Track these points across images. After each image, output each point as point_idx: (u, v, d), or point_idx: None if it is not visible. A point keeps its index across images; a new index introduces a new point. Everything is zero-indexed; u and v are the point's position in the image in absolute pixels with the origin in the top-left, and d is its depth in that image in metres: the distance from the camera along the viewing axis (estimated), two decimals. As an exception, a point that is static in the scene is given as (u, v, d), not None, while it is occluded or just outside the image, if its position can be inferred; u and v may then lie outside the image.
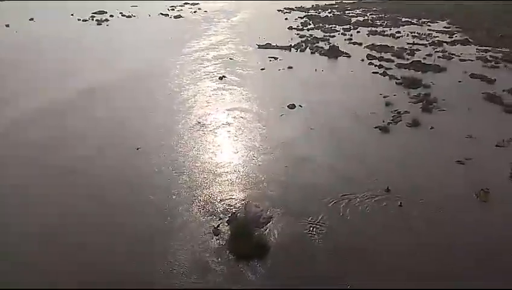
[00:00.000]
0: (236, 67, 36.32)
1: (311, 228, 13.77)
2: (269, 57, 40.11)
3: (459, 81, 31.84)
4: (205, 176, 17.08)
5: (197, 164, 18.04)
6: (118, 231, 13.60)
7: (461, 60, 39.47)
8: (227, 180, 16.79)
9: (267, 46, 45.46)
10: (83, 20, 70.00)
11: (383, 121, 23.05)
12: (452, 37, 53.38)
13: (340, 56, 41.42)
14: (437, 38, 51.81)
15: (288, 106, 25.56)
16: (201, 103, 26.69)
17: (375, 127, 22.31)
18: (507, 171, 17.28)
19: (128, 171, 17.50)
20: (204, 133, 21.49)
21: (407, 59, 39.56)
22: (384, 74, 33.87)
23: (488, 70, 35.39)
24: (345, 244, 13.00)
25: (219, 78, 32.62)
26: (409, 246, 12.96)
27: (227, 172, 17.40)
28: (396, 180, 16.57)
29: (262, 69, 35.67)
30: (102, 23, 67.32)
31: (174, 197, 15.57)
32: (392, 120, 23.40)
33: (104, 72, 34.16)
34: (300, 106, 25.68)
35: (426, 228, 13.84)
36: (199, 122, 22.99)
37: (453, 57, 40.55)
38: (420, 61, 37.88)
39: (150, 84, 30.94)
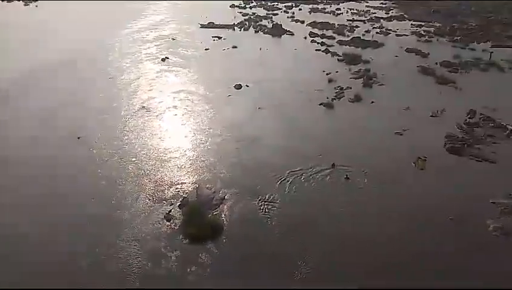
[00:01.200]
0: (179, 48, 35.35)
1: (264, 206, 14.04)
2: (213, 37, 39.42)
3: (396, 56, 33.41)
4: (153, 163, 16.69)
5: (143, 151, 17.56)
6: (59, 227, 13.05)
7: (397, 35, 41.33)
8: (177, 165, 16.55)
9: (210, 25, 44.60)
10: (7, 1, 64.22)
11: (327, 98, 23.69)
12: (388, 13, 55.59)
13: (284, 34, 41.69)
14: (374, 15, 53.70)
15: (235, 86, 25.45)
16: (144, 86, 25.78)
17: (320, 104, 22.90)
18: (441, 139, 18.57)
19: (69, 162, 16.66)
20: (150, 118, 20.89)
21: (348, 36, 40.74)
22: (326, 51, 34.64)
23: (422, 45, 37.43)
24: (297, 219, 13.39)
25: (162, 60, 31.63)
26: (356, 215, 13.64)
27: (176, 157, 17.12)
28: (341, 154, 17.23)
29: (206, 50, 35.04)
30: (30, 3, 62.21)
31: (121, 187, 15.10)
32: (335, 96, 24.12)
33: (35, 56, 31.82)
34: (247, 85, 25.66)
35: (371, 197, 14.62)
36: (144, 107, 22.26)
37: (389, 33, 42.33)
38: (359, 37, 39.21)
39: (87, 69, 29.32)
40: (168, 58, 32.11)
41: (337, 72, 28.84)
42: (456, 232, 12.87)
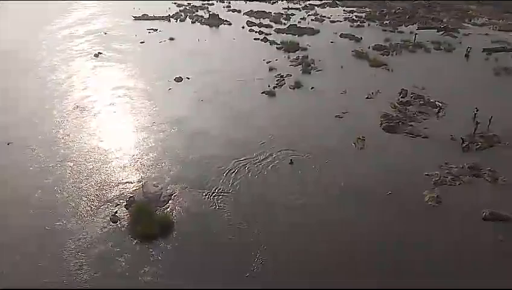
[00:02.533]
0: (113, 42, 33.80)
1: (213, 199, 13.99)
2: (148, 29, 38.13)
3: (332, 42, 34.49)
4: (93, 165, 15.91)
5: (82, 154, 16.66)
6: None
7: (331, 22, 42.62)
8: (120, 165, 15.93)
9: (145, 17, 43.06)
10: None
11: (269, 86, 23.97)
12: (322, 0, 57.01)
13: (221, 24, 41.35)
14: (309, 2, 54.82)
15: (175, 79, 24.90)
16: (78, 85, 24.40)
17: (262, 92, 23.12)
18: (377, 119, 19.57)
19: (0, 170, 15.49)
20: (87, 119, 19.86)
21: (284, 24, 41.30)
22: (265, 40, 34.91)
23: (354, 30, 38.94)
24: (247, 209, 13.52)
25: (95, 56, 30.07)
26: (303, 199, 14.03)
27: (119, 157, 16.47)
28: (285, 139, 17.59)
29: (142, 42, 33.84)
30: None
31: (60, 193, 14.21)
32: (276, 84, 24.46)
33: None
34: (187, 78, 25.22)
35: (315, 179, 15.10)
36: (78, 107, 21.08)
37: (324, 19, 43.52)
38: (296, 25, 39.93)
39: (13, 70, 27.15)
40: (101, 53, 30.63)
41: (276, 60, 29.20)
42: (395, 205, 13.69)
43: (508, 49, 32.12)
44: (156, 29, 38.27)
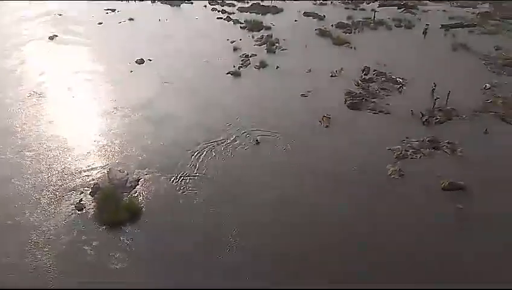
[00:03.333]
0: (69, 24, 32.21)
1: (181, 182, 13.87)
2: (105, 9, 36.58)
3: (295, 20, 34.42)
4: (54, 153, 15.31)
5: (41, 142, 15.97)
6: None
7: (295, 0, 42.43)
8: (82, 153, 15.39)
9: (101, -3, 41.16)
10: None
11: (234, 66, 23.73)
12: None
13: (183, 3, 40.25)
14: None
15: (136, 61, 24.16)
16: (32, 70, 23.18)
17: (227, 73, 22.88)
18: (342, 97, 19.88)
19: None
20: (45, 106, 18.97)
21: (247, 2, 40.73)
22: (228, 19, 34.36)
23: (318, 8, 39.02)
24: (216, 192, 13.50)
25: (50, 39, 28.59)
26: (271, 178, 14.17)
27: (81, 144, 15.90)
28: (252, 120, 17.58)
29: (99, 24, 32.47)
30: None
31: (20, 186, 13.59)
32: (241, 64, 24.25)
33: None
34: (149, 59, 24.53)
35: (282, 158, 15.27)
36: (35, 93, 20.09)
37: (287, -3, 43.26)
38: (259, 3, 39.48)
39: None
40: (57, 36, 29.15)
41: (240, 39, 28.88)
42: (360, 179, 14.08)
43: (464, 25, 33.26)
44: (114, 9, 36.79)
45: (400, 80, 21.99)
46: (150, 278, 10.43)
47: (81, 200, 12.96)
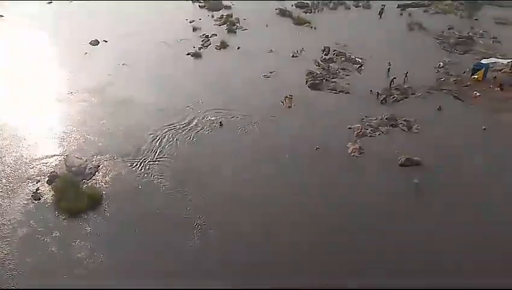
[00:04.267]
0: (14, 4, 30.12)
1: (142, 167, 13.55)
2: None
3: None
4: (5, 143, 14.46)
5: None
6: None
7: (254, -21, 41.80)
8: (36, 141, 14.63)
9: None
10: None
11: (194, 47, 23.24)
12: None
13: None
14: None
15: (90, 43, 23.11)
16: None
17: (187, 54, 22.39)
18: (303, 77, 20.02)
19: None
20: (-8, 89, 17.85)
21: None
22: (186, -2, 33.45)
23: (277, -13, 38.64)
24: (179, 175, 13.31)
25: (-5, 19, 26.72)
26: (233, 158, 14.15)
27: (33, 133, 15.06)
28: (213, 102, 17.37)
29: (49, 3, 30.64)
30: None
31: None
32: (202, 45, 23.79)
33: None
34: (104, 41, 23.53)
35: (245, 139, 15.26)
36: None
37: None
38: (218, -18, 38.58)
39: None
40: (2, 16, 27.21)
41: (200, 19, 28.27)
42: (322, 158, 14.35)
43: (420, 5, 34.21)
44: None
45: (359, 59, 22.40)
46: (113, 266, 10.25)
47: (38, 189, 12.41)
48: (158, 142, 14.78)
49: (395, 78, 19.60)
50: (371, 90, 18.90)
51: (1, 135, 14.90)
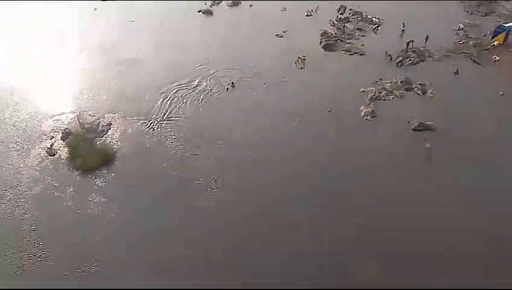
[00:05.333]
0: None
1: (153, 126, 13.64)
2: None
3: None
4: (18, 100, 14.57)
5: (5, 90, 15.09)
6: None
7: None
8: (47, 98, 14.69)
9: None
10: None
11: (205, 4, 22.57)
12: None
13: None
14: None
15: (99, -2, 22.60)
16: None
17: (199, 11, 21.80)
18: (317, 37, 19.44)
19: None
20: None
21: None
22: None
23: None
24: (189, 136, 13.39)
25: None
26: (244, 118, 14.14)
27: (46, 90, 15.12)
28: (224, 61, 17.04)
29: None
30: None
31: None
32: (213, 2, 23.05)
33: None
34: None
35: (256, 100, 15.12)
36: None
37: None
38: None
39: None
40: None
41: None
42: (334, 121, 14.24)
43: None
44: None
45: (376, 19, 21.59)
46: (127, 220, 10.57)
47: (52, 145, 12.63)
48: (169, 101, 14.75)
49: (412, 41, 18.94)
50: (386, 52, 18.35)
51: (14, 93, 14.94)
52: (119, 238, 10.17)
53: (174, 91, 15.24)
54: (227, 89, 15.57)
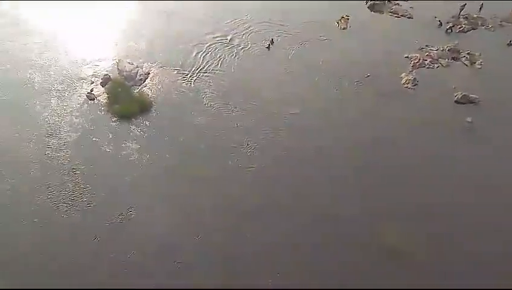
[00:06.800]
0: None
1: (191, 78, 13.71)
2: None
3: None
4: (59, 44, 14.77)
5: (47, 34, 15.27)
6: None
7: None
8: (89, 44, 14.84)
9: None
10: None
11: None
12: None
13: None
14: None
15: None
16: None
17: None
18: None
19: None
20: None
21: None
22: None
23: None
24: (227, 91, 13.43)
25: None
26: (282, 78, 14.00)
27: (86, 36, 15.21)
28: (263, 17, 16.54)
29: None
30: None
31: (29, 74, 13.58)
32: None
33: None
34: None
35: (295, 60, 14.79)
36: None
37: None
38: None
39: None
40: None
41: None
42: (372, 87, 13.87)
43: None
44: None
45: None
46: (159, 166, 11.01)
47: (92, 90, 13.01)
48: (206, 55, 14.63)
49: (465, 4, 17.69)
50: (435, 17, 17.29)
51: (54, 39, 15.11)
52: (155, 186, 10.67)
53: (213, 44, 15.09)
54: (268, 47, 15.23)
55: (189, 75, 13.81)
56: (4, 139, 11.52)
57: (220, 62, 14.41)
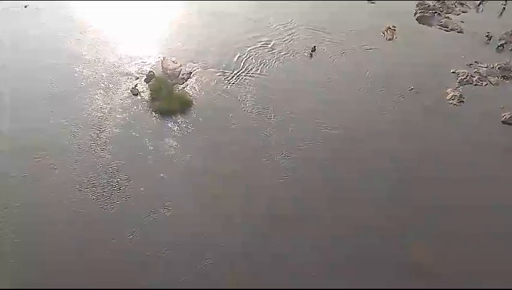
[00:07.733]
0: None
1: (232, 80, 13.90)
2: None
3: None
4: (107, 40, 15.34)
5: (98, 32, 15.95)
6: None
7: None
8: (136, 41, 15.39)
9: None
10: None
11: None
12: None
13: None
14: None
15: None
16: None
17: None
18: (412, 7, 17.96)
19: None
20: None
21: None
22: None
23: None
24: (267, 92, 13.55)
25: None
26: (324, 85, 13.93)
27: (133, 34, 15.75)
28: (309, 23, 16.50)
29: None
30: None
31: (80, 67, 14.26)
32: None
33: None
34: None
35: (338, 67, 14.69)
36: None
37: None
38: None
39: None
40: None
41: None
42: (415, 100, 13.54)
43: None
44: None
45: (482, -6, 19.44)
46: (198, 163, 11.29)
47: (136, 85, 13.46)
48: (249, 58, 14.79)
49: (519, 21, 16.91)
50: (487, 33, 16.61)
51: (107, 35, 15.73)
52: (189, 185, 10.88)
53: (256, 47, 15.23)
54: (311, 54, 15.20)
55: (230, 78, 13.99)
56: (53, 127, 12.09)
57: (261, 67, 14.51)
